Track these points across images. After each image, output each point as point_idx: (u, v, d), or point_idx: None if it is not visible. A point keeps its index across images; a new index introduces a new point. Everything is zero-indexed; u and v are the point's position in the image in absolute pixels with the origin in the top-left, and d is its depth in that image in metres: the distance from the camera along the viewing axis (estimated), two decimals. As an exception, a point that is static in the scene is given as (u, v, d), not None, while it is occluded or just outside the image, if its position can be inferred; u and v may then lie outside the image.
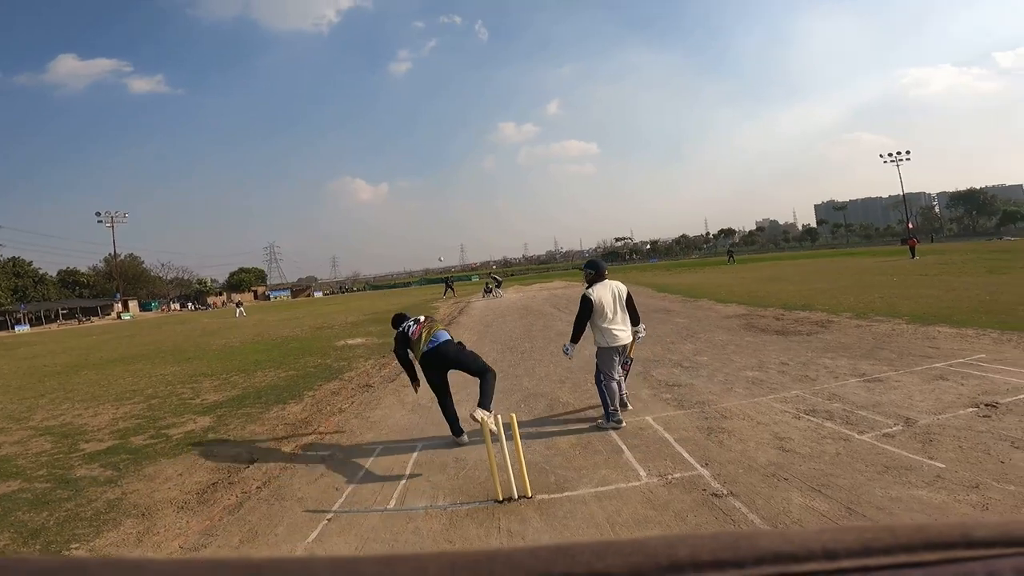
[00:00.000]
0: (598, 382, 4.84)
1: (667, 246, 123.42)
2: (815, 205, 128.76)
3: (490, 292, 27.62)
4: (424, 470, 4.20)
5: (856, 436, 3.95)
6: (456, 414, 4.81)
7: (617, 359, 4.84)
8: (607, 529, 3.02)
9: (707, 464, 3.72)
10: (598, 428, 4.72)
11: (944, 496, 2.93)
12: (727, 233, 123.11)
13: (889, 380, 5.35)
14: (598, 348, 4.87)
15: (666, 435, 4.40)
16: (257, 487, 4.19)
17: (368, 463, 4.50)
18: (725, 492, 3.28)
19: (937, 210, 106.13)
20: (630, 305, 5.00)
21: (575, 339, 4.95)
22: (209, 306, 74.14)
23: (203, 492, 4.20)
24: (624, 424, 4.67)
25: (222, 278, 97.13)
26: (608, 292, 4.91)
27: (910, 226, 44.77)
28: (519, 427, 3.77)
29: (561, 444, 4.47)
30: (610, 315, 4.80)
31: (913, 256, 28.02)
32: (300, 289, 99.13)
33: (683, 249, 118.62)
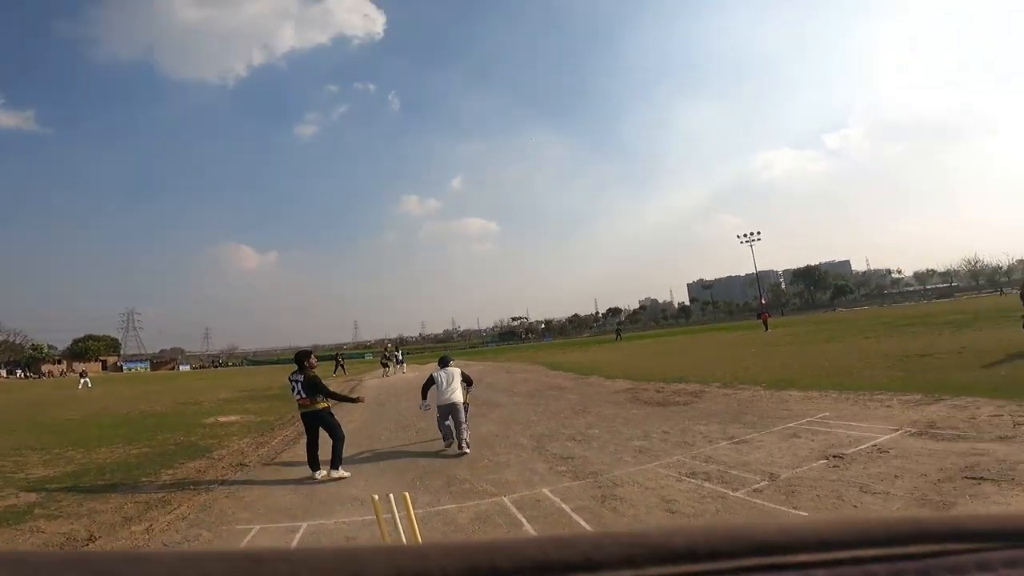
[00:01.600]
0: (437, 422, 7.23)
1: (561, 325, 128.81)
2: (688, 284, 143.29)
3: (387, 367, 26.25)
4: None
5: (731, 493, 4.22)
6: (315, 455, 6.08)
7: (448, 411, 7.03)
8: None
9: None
10: (442, 452, 6.77)
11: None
12: (614, 312, 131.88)
13: (753, 441, 5.86)
14: (436, 404, 7.16)
15: (563, 506, 4.41)
16: None
17: (243, 544, 4.07)
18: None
19: (783, 286, 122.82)
20: (465, 378, 7.51)
21: (424, 397, 7.57)
22: (43, 375, 62.51)
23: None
24: (450, 448, 6.84)
25: (63, 344, 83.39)
26: (446, 372, 7.39)
27: (763, 302, 51.38)
28: (415, 506, 3.55)
29: (460, 520, 4.32)
30: (445, 386, 7.18)
31: (766, 329, 31.84)
32: (162, 361, 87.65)
33: (575, 328, 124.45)
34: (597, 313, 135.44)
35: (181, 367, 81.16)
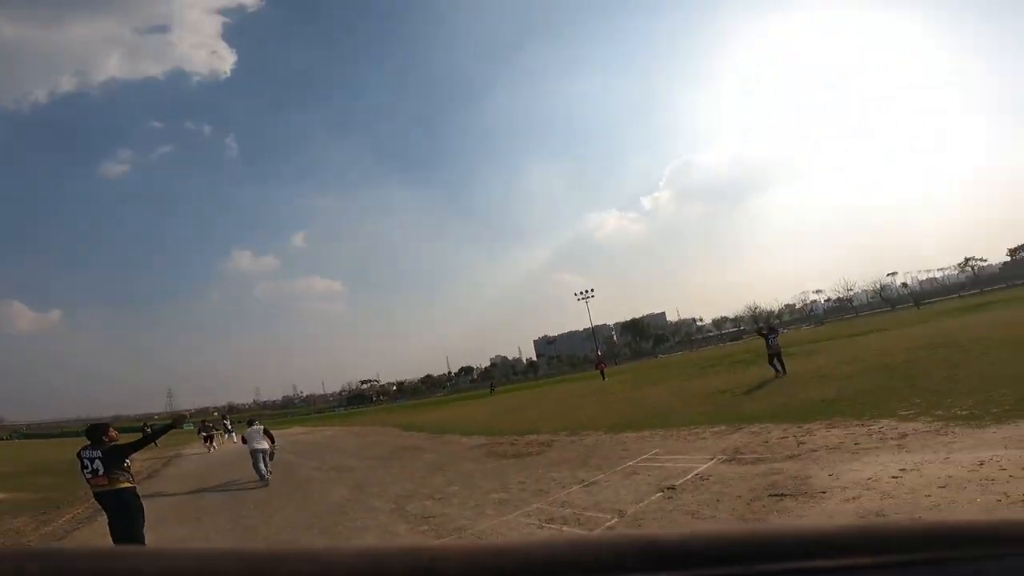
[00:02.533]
0: (253, 465, 9.94)
1: (413, 386, 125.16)
2: (534, 340, 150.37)
3: (211, 439, 22.66)
4: None
5: (588, 534, 4.48)
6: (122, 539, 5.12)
7: (259, 455, 10.10)
8: None
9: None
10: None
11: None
12: (466, 371, 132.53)
13: (601, 482, 6.33)
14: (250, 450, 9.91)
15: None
16: None
17: None
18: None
19: (615, 338, 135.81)
20: (267, 433, 10.65)
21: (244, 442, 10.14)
22: None
23: None
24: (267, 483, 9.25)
25: None
26: (254, 429, 10.54)
27: (599, 354, 56.17)
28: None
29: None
30: (254, 439, 10.30)
31: (603, 378, 34.74)
32: None
33: (428, 388, 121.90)
34: (449, 372, 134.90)
35: None
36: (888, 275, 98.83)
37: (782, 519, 3.97)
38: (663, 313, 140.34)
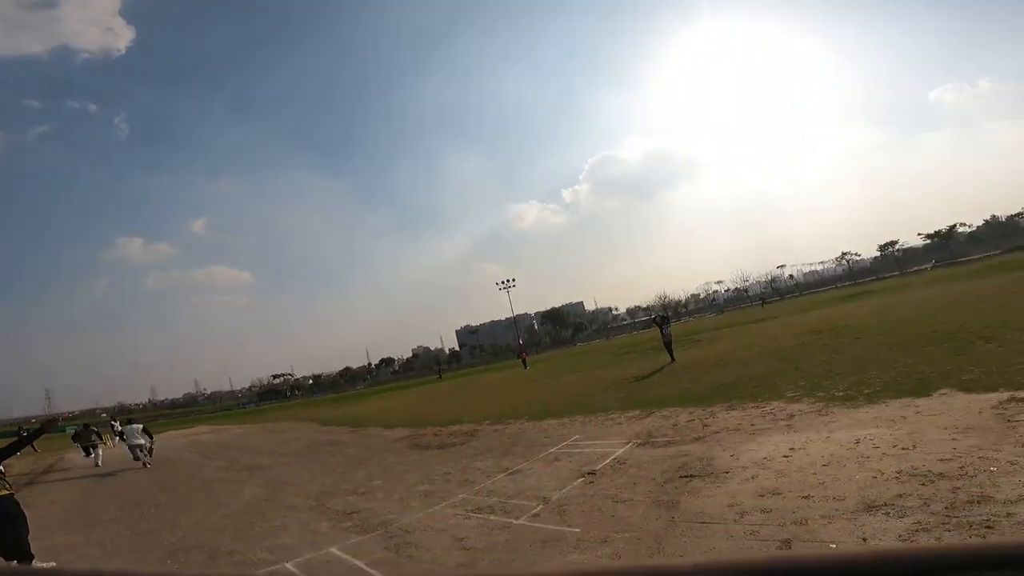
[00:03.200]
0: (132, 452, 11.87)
1: (332, 379, 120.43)
2: (456, 330, 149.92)
3: (94, 449, 16.44)
4: None
5: (514, 522, 4.63)
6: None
7: (136, 450, 12.55)
8: None
9: (403, 581, 3.69)
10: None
11: (587, 555, 3.68)
12: (387, 362, 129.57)
13: (525, 470, 6.52)
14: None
15: (356, 562, 4.24)
16: None
17: None
18: (426, 605, 3.29)
19: (536, 327, 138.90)
20: (146, 431, 12.99)
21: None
22: None
23: None
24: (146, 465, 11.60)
25: None
26: (131, 427, 13.02)
27: (520, 343, 57.09)
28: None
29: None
30: (135, 435, 12.71)
31: (525, 367, 35.47)
32: None
33: (347, 381, 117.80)
34: (369, 364, 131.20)
35: None
36: (778, 267, 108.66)
37: (692, 499, 4.30)
38: (581, 302, 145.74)
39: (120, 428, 21.95)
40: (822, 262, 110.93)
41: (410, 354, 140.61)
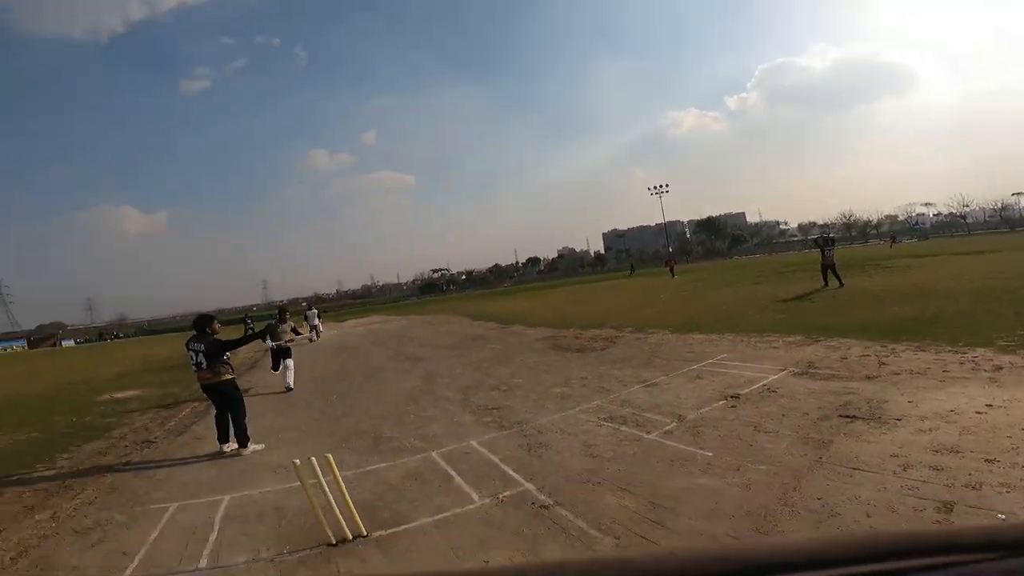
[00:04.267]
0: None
1: (482, 275, 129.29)
2: (603, 233, 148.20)
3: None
4: (238, 523, 3.75)
5: (645, 436, 4.58)
6: (225, 428, 5.75)
7: (314, 329, 17.80)
8: (451, 555, 3.00)
9: (532, 479, 3.94)
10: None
11: (718, 481, 3.52)
12: (533, 261, 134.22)
13: (663, 384, 6.35)
14: None
15: (491, 456, 4.56)
16: (12, 558, 3.46)
17: (162, 523, 3.89)
18: (551, 503, 3.50)
19: (688, 235, 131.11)
20: (319, 316, 19.36)
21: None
22: None
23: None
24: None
25: None
26: (312, 312, 20.10)
27: (670, 250, 54.56)
28: (343, 467, 3.55)
29: (391, 479, 4.35)
30: (315, 318, 19.89)
31: (673, 275, 34.09)
32: (41, 338, 78.50)
33: (496, 277, 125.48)
34: (517, 263, 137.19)
35: (63, 343, 72.90)
36: (1013, 195, 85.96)
37: (848, 442, 3.81)
38: (743, 213, 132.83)
39: (318, 318, 26.16)
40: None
41: (555, 254, 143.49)
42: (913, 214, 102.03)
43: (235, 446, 5.68)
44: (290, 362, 9.61)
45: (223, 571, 3.12)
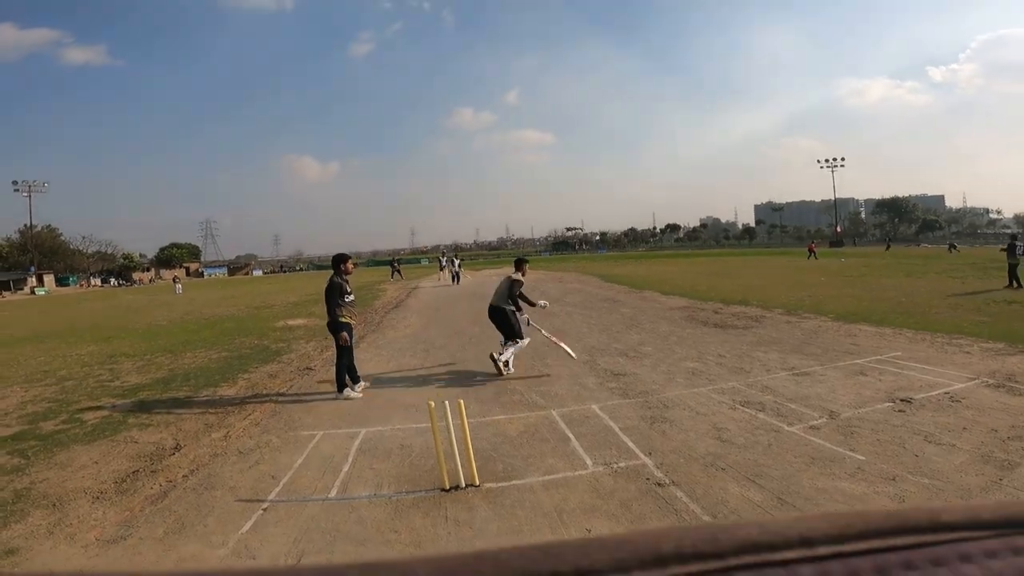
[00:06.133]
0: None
1: (616, 238, 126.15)
2: (755, 205, 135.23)
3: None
4: (368, 457, 4.09)
5: (786, 428, 4.17)
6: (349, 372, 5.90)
7: (453, 275, 20.80)
8: (555, 518, 3.03)
9: (650, 453, 3.82)
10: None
11: (864, 488, 3.12)
12: (672, 228, 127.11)
13: (815, 374, 5.69)
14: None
15: (611, 424, 4.49)
16: (183, 475, 3.95)
17: (308, 450, 4.33)
18: (667, 481, 3.37)
19: (863, 215, 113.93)
20: (461, 264, 21.96)
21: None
22: (135, 282, 69.16)
23: (122, 481, 3.90)
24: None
25: (151, 253, 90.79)
26: (449, 258, 22.11)
27: (838, 230, 48.02)
28: (467, 415, 3.74)
29: (509, 431, 4.47)
30: (457, 265, 22.78)
31: (810, 257, 32.66)
32: (238, 267, 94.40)
33: (631, 242, 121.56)
34: (655, 228, 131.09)
35: (254, 272, 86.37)
36: None
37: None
38: (941, 196, 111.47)
39: (458, 266, 27.76)
40: None
41: (698, 223, 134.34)
42: None
43: (347, 390, 5.83)
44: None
45: (347, 503, 3.32)
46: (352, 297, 6.12)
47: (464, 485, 3.44)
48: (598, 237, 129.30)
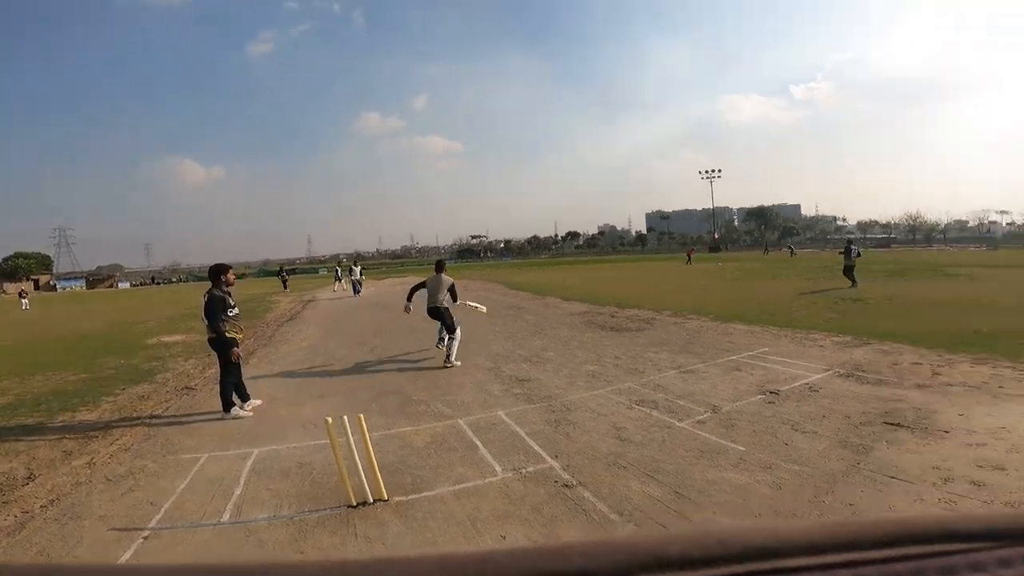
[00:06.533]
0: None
1: (519, 245, 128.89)
2: (646, 213, 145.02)
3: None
4: (263, 478, 3.84)
5: (677, 424, 4.50)
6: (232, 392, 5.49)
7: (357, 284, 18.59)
8: (469, 527, 3.01)
9: (557, 456, 3.93)
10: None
11: (746, 477, 3.43)
12: (573, 235, 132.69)
13: (699, 371, 6.21)
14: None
15: (518, 429, 4.56)
16: (42, 506, 3.54)
17: (192, 473, 3.99)
18: (574, 483, 3.49)
19: (736, 223, 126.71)
20: (362, 273, 19.93)
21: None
22: None
23: (-38, 521, 3.33)
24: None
25: None
26: (357, 268, 18.97)
27: (716, 236, 53.08)
28: (369, 428, 3.61)
29: (416, 442, 4.40)
30: (358, 275, 20.19)
31: (688, 262, 35.45)
32: (99, 279, 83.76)
33: (534, 249, 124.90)
34: (556, 235, 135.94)
35: (120, 284, 77.39)
36: None
37: (890, 451, 3.64)
38: (798, 206, 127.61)
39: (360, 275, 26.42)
40: None
41: (596, 230, 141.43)
42: (987, 221, 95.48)
43: (249, 407, 5.55)
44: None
45: (243, 527, 3.14)
46: (237, 311, 5.68)
47: (372, 500, 3.33)
48: (503, 245, 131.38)
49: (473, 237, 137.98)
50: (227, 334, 5.47)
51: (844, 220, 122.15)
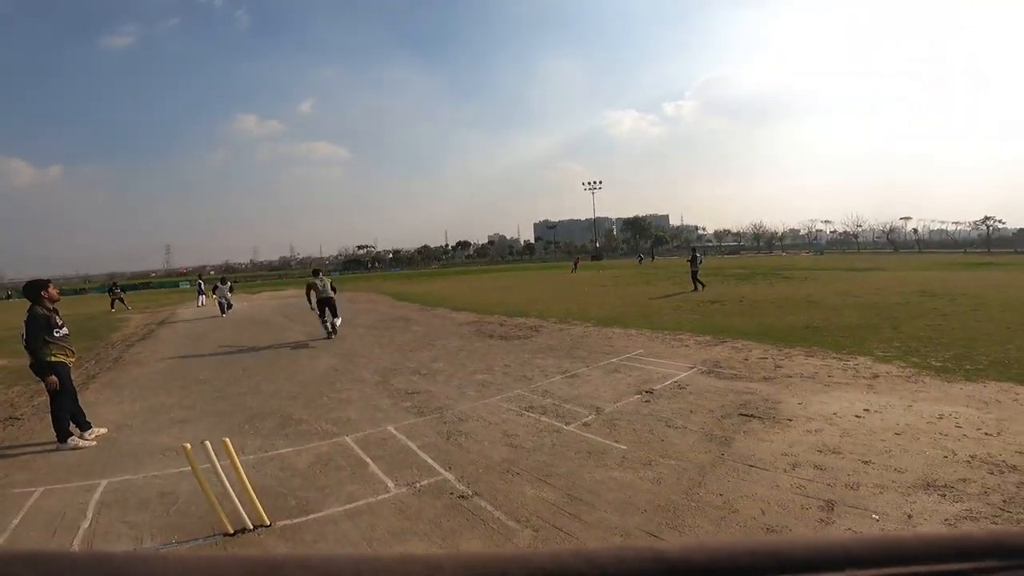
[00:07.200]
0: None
1: (409, 256, 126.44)
2: (534, 223, 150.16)
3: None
4: (116, 510, 3.43)
5: (565, 427, 4.67)
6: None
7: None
8: (365, 548, 2.88)
9: (450, 468, 3.89)
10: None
11: (630, 475, 3.64)
12: (463, 245, 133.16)
13: (583, 375, 6.52)
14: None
15: (409, 443, 4.45)
16: None
17: (24, 509, 3.49)
18: (470, 493, 3.47)
19: (615, 232, 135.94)
20: (231, 290, 17.41)
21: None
22: None
23: None
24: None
25: None
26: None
27: (598, 245, 56.63)
28: (244, 451, 3.29)
29: (298, 464, 4.13)
30: (227, 292, 18.00)
31: (574, 271, 37.65)
32: None
33: (424, 259, 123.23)
34: (447, 245, 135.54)
35: None
36: (901, 219, 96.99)
37: (747, 440, 4.10)
38: (667, 216, 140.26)
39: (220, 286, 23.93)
40: (956, 223, 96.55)
41: (486, 240, 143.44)
42: (814, 229, 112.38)
43: (91, 435, 5.02)
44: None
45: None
46: (66, 331, 5.00)
47: (252, 527, 3.06)
48: (391, 255, 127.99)
49: (360, 247, 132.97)
50: (52, 358, 4.87)
51: (703, 229, 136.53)
